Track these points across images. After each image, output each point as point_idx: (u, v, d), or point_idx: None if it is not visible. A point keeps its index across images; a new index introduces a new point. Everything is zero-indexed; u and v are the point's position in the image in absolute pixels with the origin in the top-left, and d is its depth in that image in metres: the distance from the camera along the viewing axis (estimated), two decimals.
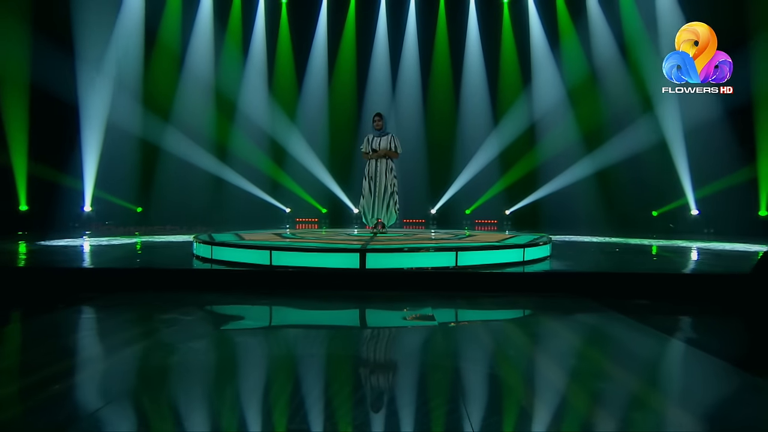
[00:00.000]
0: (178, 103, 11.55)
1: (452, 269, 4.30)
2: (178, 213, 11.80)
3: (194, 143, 11.66)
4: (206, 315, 3.17)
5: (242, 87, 12.25)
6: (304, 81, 12.86)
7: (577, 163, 11.85)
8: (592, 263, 5.03)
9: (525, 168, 12.46)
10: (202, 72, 11.80)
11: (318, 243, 4.74)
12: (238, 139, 12.29)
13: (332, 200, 13.12)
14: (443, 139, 13.05)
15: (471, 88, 12.87)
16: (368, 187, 5.91)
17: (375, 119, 5.86)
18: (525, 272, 4.29)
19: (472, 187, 12.88)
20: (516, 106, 12.39)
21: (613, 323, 3.12)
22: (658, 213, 11.55)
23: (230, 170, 12.15)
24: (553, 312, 3.41)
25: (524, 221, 12.70)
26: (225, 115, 12.24)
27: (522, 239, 5.40)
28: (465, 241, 5.25)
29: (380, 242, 4.96)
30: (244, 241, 4.84)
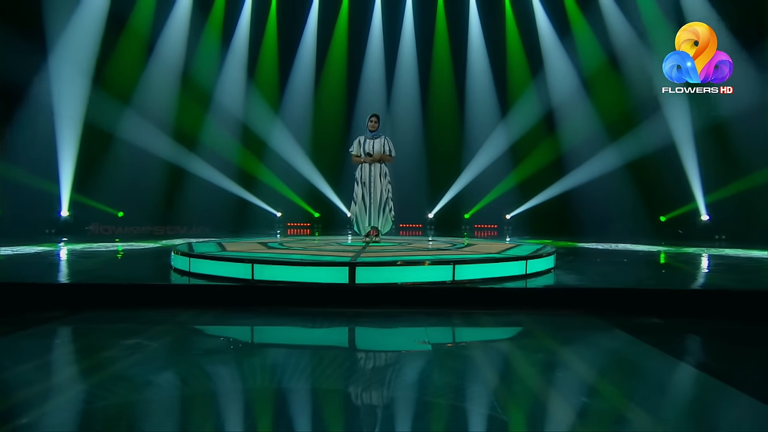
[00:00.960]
0: (157, 99, 11.34)
1: (449, 284, 4.12)
2: (163, 217, 11.65)
3: (174, 142, 11.49)
4: (176, 340, 2.97)
5: (221, 80, 12.05)
6: (290, 76, 12.68)
7: (587, 163, 11.66)
8: (598, 276, 4.87)
9: (532, 167, 12.28)
10: (176, 62, 11.54)
11: (304, 255, 4.55)
12: (229, 144, 12.15)
13: (325, 204, 12.99)
14: (443, 140, 12.94)
15: (475, 83, 12.74)
16: (361, 193, 5.75)
17: (371, 120, 5.71)
18: (527, 288, 4.11)
19: (472, 191, 12.78)
20: (525, 100, 12.22)
21: (625, 348, 2.94)
22: (667, 218, 11.45)
23: (220, 174, 12.00)
24: (558, 334, 3.23)
25: (526, 226, 12.60)
26: (213, 117, 12.09)
27: (524, 250, 5.23)
28: (464, 252, 5.08)
29: (373, 253, 4.79)
30: (224, 253, 4.65)
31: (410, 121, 12.90)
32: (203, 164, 11.64)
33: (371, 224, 5.75)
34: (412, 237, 8.36)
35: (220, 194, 12.02)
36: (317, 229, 13.29)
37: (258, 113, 12.27)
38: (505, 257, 4.54)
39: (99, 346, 2.82)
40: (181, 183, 11.51)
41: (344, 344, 3.14)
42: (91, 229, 10.81)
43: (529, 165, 12.39)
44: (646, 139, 10.88)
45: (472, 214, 13.28)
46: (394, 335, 3.28)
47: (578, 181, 11.76)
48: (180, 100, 11.43)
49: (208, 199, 11.84)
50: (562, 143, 12.13)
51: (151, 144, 11.02)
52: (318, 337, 3.18)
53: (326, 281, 4.00)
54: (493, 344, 3.11)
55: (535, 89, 12.21)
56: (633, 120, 10.98)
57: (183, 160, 11.41)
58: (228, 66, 12.07)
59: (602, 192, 11.48)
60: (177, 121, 11.55)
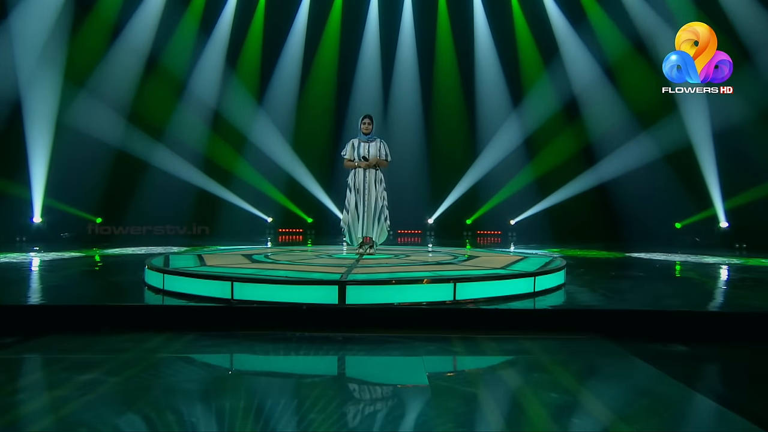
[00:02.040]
0: (147, 102, 11.28)
1: (450, 303, 3.92)
2: (147, 223, 11.53)
3: (163, 146, 11.43)
4: (139, 373, 2.75)
5: (198, 70, 11.94)
6: (276, 70, 12.58)
7: (612, 157, 11.48)
8: (612, 292, 4.66)
9: (547, 164, 12.17)
10: (144, 47, 11.35)
11: (290, 271, 4.35)
12: (217, 146, 12.07)
13: (318, 209, 12.89)
14: (445, 139, 12.85)
15: (482, 76, 12.66)
16: (354, 200, 5.58)
17: (364, 121, 5.55)
18: (535, 309, 3.92)
19: (475, 194, 12.72)
20: (539, 92, 12.12)
21: (650, 385, 2.73)
22: (682, 225, 11.32)
23: (207, 177, 11.92)
24: (571, 366, 3.02)
25: (532, 232, 12.52)
26: (202, 118, 12.02)
27: (532, 264, 5.04)
28: (466, 266, 4.90)
29: (366, 268, 4.61)
30: (201, 269, 4.44)
31: (409, 119, 12.80)
32: (193, 169, 11.61)
33: (365, 234, 5.57)
34: (409, 246, 8.17)
35: (209, 199, 11.92)
36: (310, 235, 13.23)
37: (241, 110, 12.21)
38: (511, 273, 4.35)
39: (47, 384, 2.60)
40: (170, 186, 11.46)
41: (331, 380, 2.93)
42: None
43: (544, 162, 12.26)
44: (664, 138, 10.74)
45: (475, 219, 13.22)
46: (388, 367, 3.07)
47: (597, 180, 11.63)
48: (152, 91, 11.32)
49: (202, 203, 11.80)
50: (584, 136, 11.98)
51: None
52: (302, 369, 2.97)
53: (314, 302, 3.78)
54: (498, 379, 2.90)
55: (549, 80, 12.09)
56: (666, 108, 10.68)
57: (171, 164, 11.40)
58: (207, 55, 11.97)
59: (625, 191, 11.32)
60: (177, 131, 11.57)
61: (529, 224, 12.76)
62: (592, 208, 11.95)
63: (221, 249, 8.64)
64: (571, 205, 11.96)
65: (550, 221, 12.28)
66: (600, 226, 11.97)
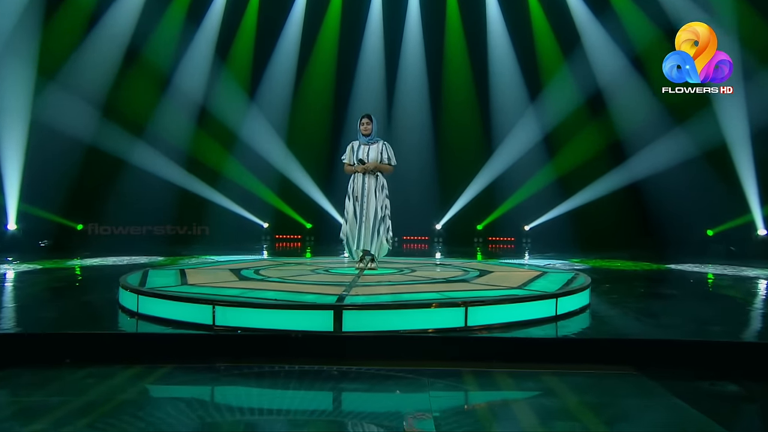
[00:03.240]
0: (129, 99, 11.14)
1: (461, 330, 3.68)
2: (131, 230, 11.41)
3: (146, 145, 11.26)
4: (95, 421, 2.51)
5: (184, 64, 11.79)
6: (270, 62, 12.41)
7: (641, 155, 11.25)
8: (644, 315, 4.39)
9: (567, 164, 11.97)
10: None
11: (280, 292, 4.12)
12: (205, 145, 11.93)
13: (317, 213, 12.72)
14: (455, 139, 12.67)
15: (496, 70, 12.46)
16: (353, 209, 5.35)
17: (362, 122, 5.33)
18: (558, 338, 3.67)
19: (487, 198, 12.54)
20: (560, 86, 11.88)
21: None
22: (715, 232, 11.07)
23: (195, 179, 11.79)
24: (602, 410, 2.77)
25: (547, 240, 12.28)
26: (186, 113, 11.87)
27: (552, 281, 4.79)
28: (478, 283, 4.68)
29: (366, 286, 4.40)
30: (180, 289, 4.22)
31: (416, 116, 12.62)
32: (171, 166, 11.47)
33: (362, 247, 5.33)
34: (415, 258, 7.96)
35: (199, 203, 11.83)
36: (309, 242, 13.05)
37: (231, 105, 12.06)
38: (530, 295, 4.11)
39: None
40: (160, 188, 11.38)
41: (325, 423, 2.69)
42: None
43: (564, 161, 12.03)
44: (696, 135, 10.48)
45: (486, 224, 13.03)
46: (390, 407, 2.85)
47: (623, 182, 11.39)
48: (133, 84, 11.22)
49: (192, 208, 11.77)
50: (610, 132, 11.72)
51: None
52: (292, 409, 2.75)
53: (306, 329, 3.55)
54: (516, 425, 2.64)
55: (570, 71, 11.86)
56: (700, 102, 10.29)
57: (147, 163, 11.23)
58: (195, 45, 11.82)
59: (652, 194, 11.10)
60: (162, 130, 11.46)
61: (546, 230, 12.51)
62: (615, 213, 11.68)
63: (211, 259, 8.53)
64: (592, 209, 11.70)
65: (569, 227, 12.01)
66: (624, 232, 11.66)
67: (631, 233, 11.57)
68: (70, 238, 10.90)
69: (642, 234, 11.55)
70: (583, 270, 7.32)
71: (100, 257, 8.64)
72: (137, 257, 8.66)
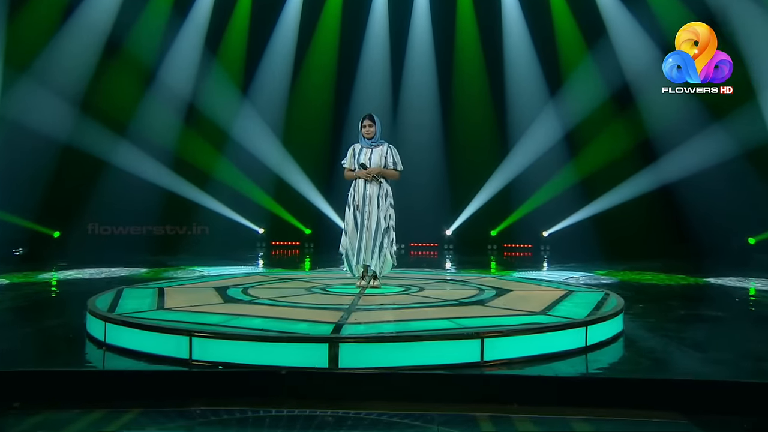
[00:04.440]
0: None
1: (476, 366, 3.43)
2: (111, 237, 11.37)
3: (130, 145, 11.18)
4: None
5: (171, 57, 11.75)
6: (264, 55, 12.36)
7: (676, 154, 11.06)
8: (688, 345, 4.08)
9: (591, 165, 11.87)
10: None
11: (268, 319, 3.87)
12: (193, 144, 11.90)
13: (317, 217, 12.72)
14: (466, 138, 12.64)
15: (511, 67, 12.39)
16: (353, 220, 5.17)
17: (364, 123, 5.16)
18: (588, 376, 3.40)
19: (501, 202, 12.52)
20: (583, 79, 11.75)
21: None
22: (757, 240, 10.89)
23: (183, 181, 11.76)
24: None
25: (568, 247, 12.12)
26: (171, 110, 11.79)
27: (579, 304, 4.52)
28: (495, 306, 4.43)
29: (367, 310, 4.17)
30: (154, 315, 3.97)
31: (424, 113, 12.57)
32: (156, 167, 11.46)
33: (363, 262, 5.12)
34: (423, 272, 7.72)
35: (187, 207, 11.86)
36: (308, 250, 13.07)
37: (222, 102, 12.04)
38: (556, 324, 3.82)
39: None
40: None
41: None
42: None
43: (588, 161, 11.93)
44: (737, 133, 10.28)
45: (501, 230, 13.01)
46: None
47: (654, 184, 11.24)
48: (114, 79, 11.16)
49: (179, 211, 11.84)
50: (639, 129, 11.57)
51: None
52: None
53: (296, 365, 3.29)
54: None
55: (594, 63, 11.72)
56: (744, 95, 10.09)
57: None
58: (183, 37, 11.74)
59: (687, 196, 10.90)
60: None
61: (566, 237, 12.40)
62: (644, 218, 11.60)
63: (199, 271, 8.37)
64: (618, 214, 11.56)
65: (593, 233, 11.85)
66: (654, 239, 11.47)
67: (662, 241, 11.38)
68: (46, 247, 10.75)
69: (674, 242, 11.34)
70: (611, 285, 7.11)
71: (77, 269, 8.45)
72: (117, 269, 8.48)
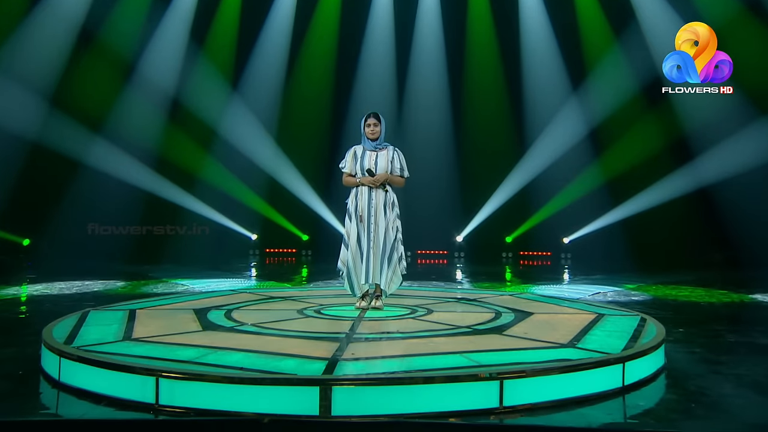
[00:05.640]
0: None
1: (494, 413, 3.15)
2: (86, 245, 11.25)
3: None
4: None
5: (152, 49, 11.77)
6: (257, 46, 12.38)
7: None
8: (748, 385, 3.74)
9: (614, 167, 11.87)
10: None
11: (251, 353, 3.60)
12: (178, 142, 11.91)
13: (315, 222, 12.83)
14: (479, 136, 12.68)
15: (529, 58, 12.40)
16: (356, 233, 5.01)
17: (368, 122, 5.04)
18: (628, 429, 3.11)
19: (518, 205, 12.62)
20: (611, 69, 11.73)
21: None
22: None
23: (167, 182, 11.81)
24: None
25: (591, 255, 12.11)
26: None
27: (612, 331, 4.24)
28: (515, 335, 4.17)
29: (367, 341, 3.94)
30: (118, 348, 3.68)
31: (433, 109, 12.60)
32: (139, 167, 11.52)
33: (371, 281, 4.98)
34: (431, 288, 7.50)
35: (182, 213, 12.04)
36: (306, 257, 13.15)
37: (210, 97, 12.06)
38: (588, 361, 3.52)
39: None
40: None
41: None
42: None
43: (615, 161, 11.87)
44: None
45: (517, 237, 13.11)
46: None
47: (690, 185, 11.17)
48: (88, 72, 11.12)
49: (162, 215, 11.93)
50: (674, 125, 11.45)
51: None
52: None
53: (281, 412, 3.01)
54: None
55: (622, 52, 11.69)
56: None
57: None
58: (166, 27, 11.70)
59: (726, 200, 10.88)
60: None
61: (590, 244, 12.42)
62: (678, 224, 11.57)
63: (181, 284, 8.21)
64: (648, 219, 11.54)
65: (620, 240, 11.83)
66: (689, 248, 11.43)
67: (699, 249, 11.35)
68: (16, 256, 10.74)
69: (712, 251, 11.30)
70: (643, 303, 6.91)
71: (47, 282, 8.25)
72: (91, 282, 8.28)
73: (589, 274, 10.22)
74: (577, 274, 10.63)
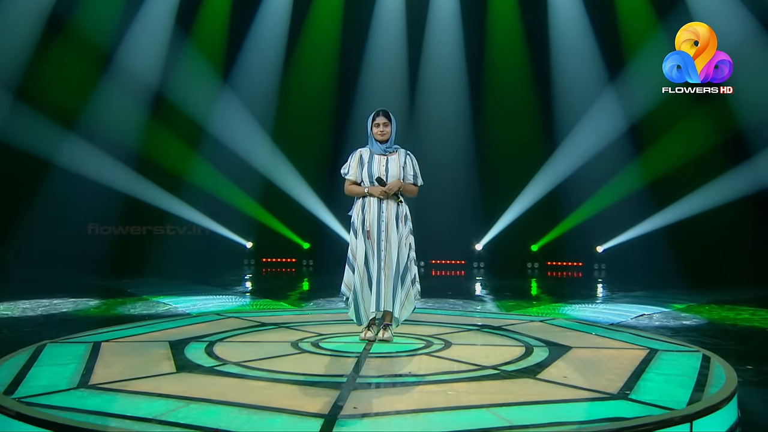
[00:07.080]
0: None
1: None
2: (66, 256, 11.21)
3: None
4: None
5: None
6: (250, 34, 12.40)
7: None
8: None
9: (656, 167, 11.85)
10: None
11: (231, 407, 3.23)
12: (162, 140, 11.98)
13: (317, 229, 12.93)
14: (501, 134, 12.74)
15: (559, 44, 12.39)
16: (363, 251, 4.77)
17: (377, 122, 4.88)
18: None
19: (545, 210, 12.66)
20: (650, 63, 11.39)
21: None
22: None
23: (150, 184, 11.86)
24: None
25: (629, 267, 12.06)
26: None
27: (671, 375, 3.89)
28: (552, 378, 3.79)
29: (373, 387, 3.70)
30: (66, 401, 3.32)
31: (449, 104, 12.63)
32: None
33: (381, 308, 4.72)
34: (447, 310, 7.19)
35: (167, 218, 12.23)
36: (307, 267, 13.24)
37: (198, 90, 12.11)
38: (647, 421, 3.09)
39: None
40: None
41: None
42: None
43: (657, 161, 11.84)
44: None
45: (544, 245, 13.17)
46: None
47: (746, 188, 11.08)
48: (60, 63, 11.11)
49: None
50: (727, 121, 11.31)
51: None
52: None
53: None
54: None
55: (667, 39, 11.26)
56: None
57: None
58: (147, 13, 11.71)
59: None
60: None
61: (627, 253, 12.34)
62: (731, 231, 11.40)
63: (163, 303, 8.06)
64: (697, 226, 11.45)
65: (663, 250, 11.74)
66: (745, 258, 11.28)
67: (756, 261, 11.14)
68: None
69: None
70: (697, 328, 6.52)
71: (10, 300, 7.93)
72: (61, 301, 8.02)
73: (628, 289, 9.96)
74: (613, 289, 10.40)
